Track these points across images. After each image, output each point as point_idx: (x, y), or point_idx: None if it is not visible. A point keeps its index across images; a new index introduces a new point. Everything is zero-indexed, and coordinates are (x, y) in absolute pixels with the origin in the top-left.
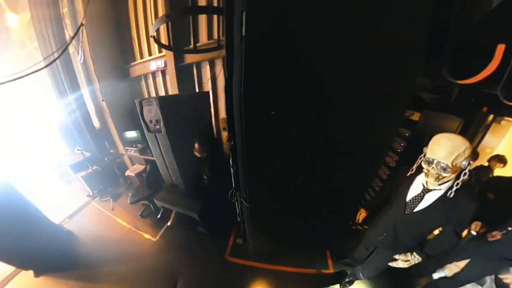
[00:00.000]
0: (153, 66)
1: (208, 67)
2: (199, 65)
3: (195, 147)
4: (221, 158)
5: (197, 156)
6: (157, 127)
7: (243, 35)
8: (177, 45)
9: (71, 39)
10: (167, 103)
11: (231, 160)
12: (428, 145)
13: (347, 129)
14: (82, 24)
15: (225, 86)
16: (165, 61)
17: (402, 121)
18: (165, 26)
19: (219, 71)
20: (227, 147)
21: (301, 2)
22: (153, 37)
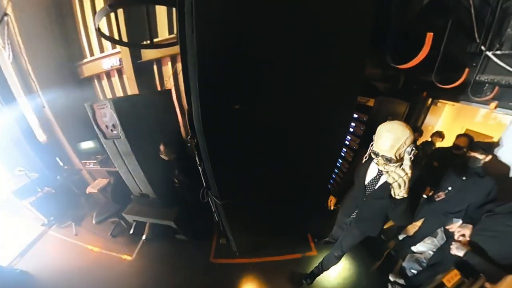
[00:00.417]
0: (107, 64)
1: (169, 63)
2: (159, 62)
3: (161, 149)
4: (191, 158)
5: (165, 159)
6: (115, 132)
7: (193, 26)
8: (132, 40)
9: None
10: (123, 104)
11: (197, 158)
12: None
13: (303, 115)
14: (5, 13)
15: (184, 81)
16: (120, 59)
17: (355, 105)
18: (116, 18)
19: (181, 67)
20: (191, 145)
21: None
22: (98, 29)
